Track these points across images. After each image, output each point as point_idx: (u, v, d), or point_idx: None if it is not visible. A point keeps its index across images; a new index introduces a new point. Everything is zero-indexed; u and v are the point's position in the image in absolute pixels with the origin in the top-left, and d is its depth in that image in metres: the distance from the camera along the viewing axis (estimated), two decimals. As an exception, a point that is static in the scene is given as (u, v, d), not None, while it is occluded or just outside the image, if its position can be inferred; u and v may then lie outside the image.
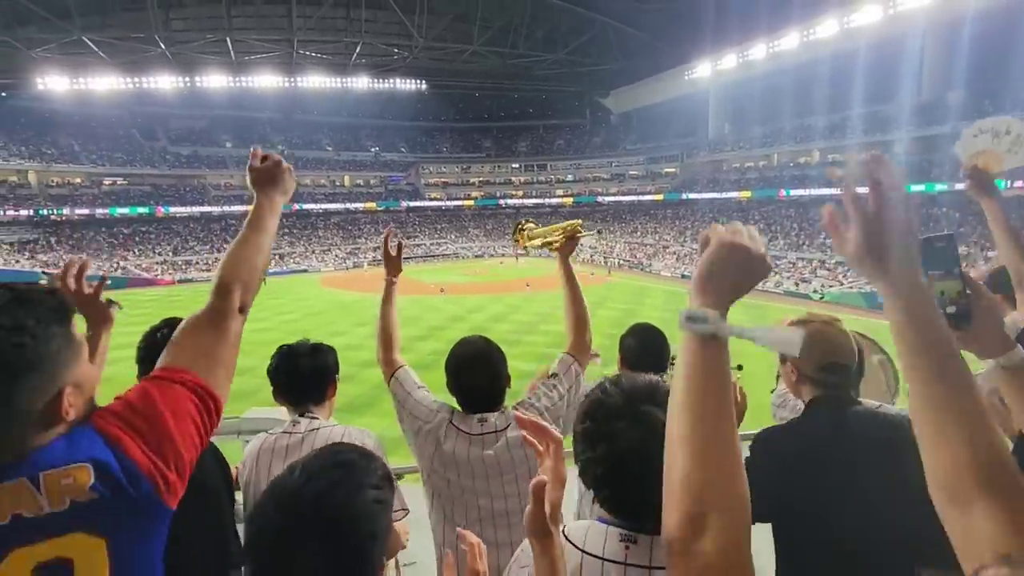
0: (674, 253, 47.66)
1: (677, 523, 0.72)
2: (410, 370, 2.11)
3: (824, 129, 44.73)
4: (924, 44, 38.48)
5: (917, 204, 36.19)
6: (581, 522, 1.14)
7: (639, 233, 54.79)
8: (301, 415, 1.99)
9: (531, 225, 2.59)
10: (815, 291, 33.57)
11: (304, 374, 2.03)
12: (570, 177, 67.27)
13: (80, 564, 0.86)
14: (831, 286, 33.53)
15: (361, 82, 58.98)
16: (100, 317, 1.52)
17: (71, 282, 1.47)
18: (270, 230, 1.36)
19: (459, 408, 1.97)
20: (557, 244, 2.40)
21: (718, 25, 45.71)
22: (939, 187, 35.08)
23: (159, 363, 1.08)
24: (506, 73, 60.95)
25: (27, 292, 0.95)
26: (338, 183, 64.65)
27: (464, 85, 65.17)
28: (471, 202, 67.05)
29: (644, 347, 2.50)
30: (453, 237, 62.70)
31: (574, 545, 1.09)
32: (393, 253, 2.37)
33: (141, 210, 50.94)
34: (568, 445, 1.12)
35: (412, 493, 2.19)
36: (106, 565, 0.87)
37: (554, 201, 65.73)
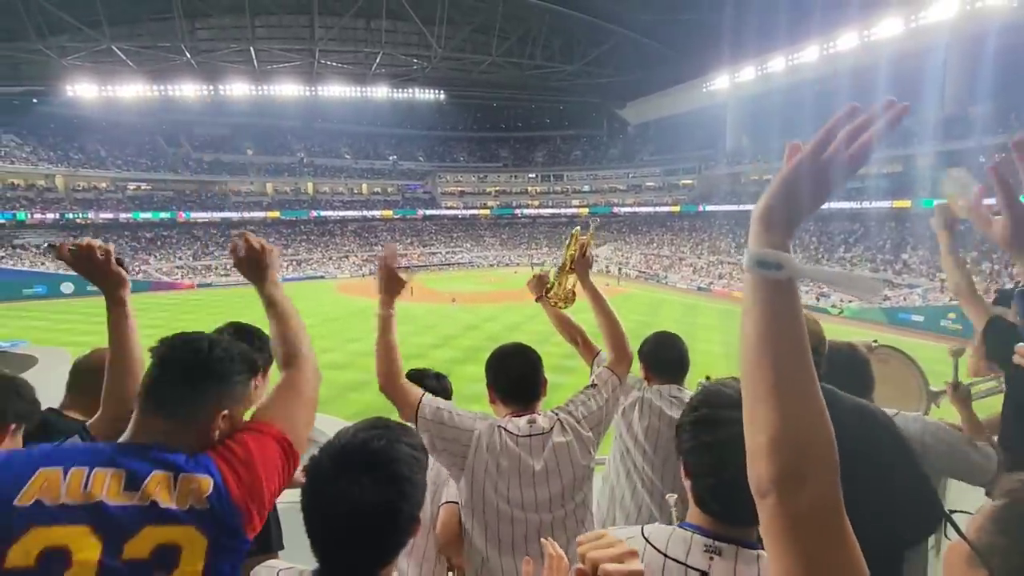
0: (690, 265, 47.34)
1: (772, 477, 0.69)
2: (431, 397, 1.95)
3: (844, 142, 44.24)
4: (947, 58, 38.02)
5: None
6: (662, 526, 1.13)
7: (655, 244, 54.55)
8: None
9: (548, 275, 2.61)
10: (834, 306, 33.09)
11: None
12: (586, 188, 67.31)
13: (186, 552, 1.05)
14: (850, 301, 33.04)
15: (380, 92, 59.72)
16: (116, 281, 1.64)
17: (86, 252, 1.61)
18: (284, 304, 1.63)
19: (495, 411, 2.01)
20: (571, 267, 2.46)
21: (737, 38, 45.58)
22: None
23: (255, 415, 1.31)
24: (524, 83, 61.31)
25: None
26: (356, 191, 65.32)
27: (482, 95, 65.70)
28: (487, 211, 67.34)
29: (664, 354, 2.51)
30: (469, 246, 62.94)
31: (656, 548, 1.08)
32: (400, 275, 2.14)
33: (163, 215, 51.90)
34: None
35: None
36: (202, 560, 1.06)
37: (570, 211, 65.83)
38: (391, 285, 2.15)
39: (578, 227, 2.53)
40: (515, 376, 2.00)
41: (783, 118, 51.17)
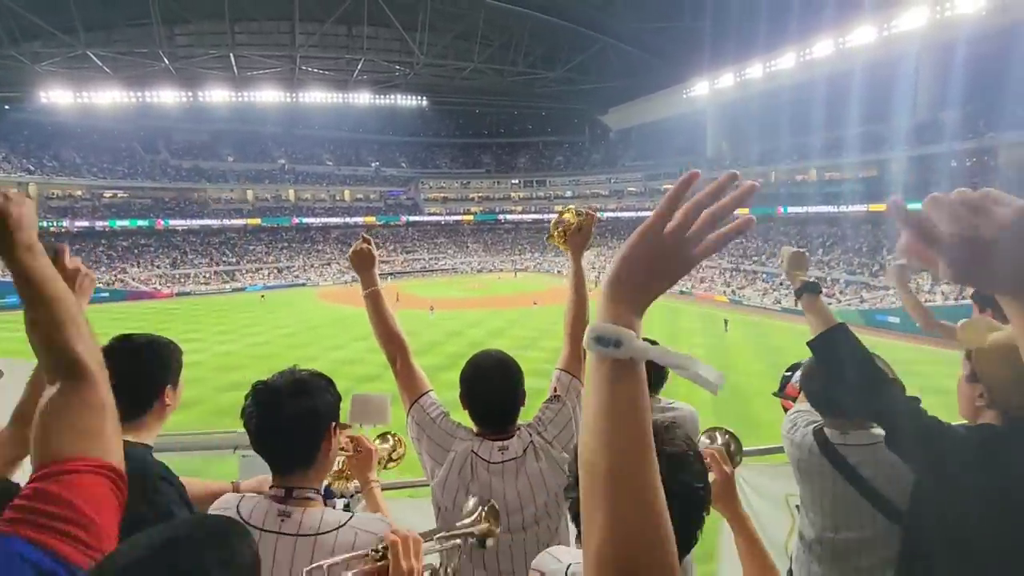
0: (672, 269, 47.73)
1: None
2: (435, 395, 1.95)
3: (821, 148, 45.08)
4: (919, 65, 38.93)
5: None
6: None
7: (638, 249, 54.97)
8: (287, 492, 1.38)
9: (568, 218, 2.29)
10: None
11: (286, 426, 1.38)
12: (569, 193, 67.62)
13: None
14: (828, 303, 33.48)
15: (362, 98, 59.55)
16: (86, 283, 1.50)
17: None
18: (46, 282, 1.01)
19: (471, 427, 1.91)
20: (574, 227, 2.25)
21: (715, 45, 46.29)
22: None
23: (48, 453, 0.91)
24: (506, 90, 61.59)
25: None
26: (338, 197, 64.94)
27: (464, 101, 65.86)
28: (470, 217, 67.36)
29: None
30: (452, 252, 62.86)
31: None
32: (367, 249, 2.13)
33: (141, 223, 51.07)
34: None
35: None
36: None
37: (552, 217, 66.00)
38: (361, 263, 2.15)
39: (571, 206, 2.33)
40: (491, 402, 1.87)
41: (761, 123, 52.13)
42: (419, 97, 61.83)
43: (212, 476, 2.02)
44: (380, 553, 1.05)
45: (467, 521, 1.31)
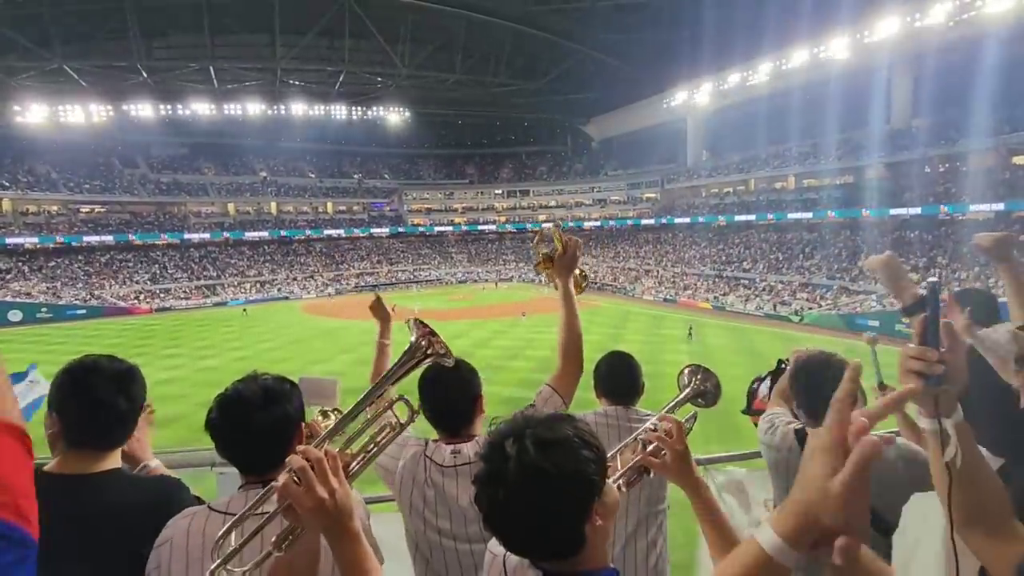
0: (656, 277, 48.08)
1: None
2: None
3: (799, 155, 45.88)
4: (892, 74, 39.87)
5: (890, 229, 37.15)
6: None
7: (621, 257, 55.29)
8: (264, 485, 1.33)
9: (551, 244, 2.35)
10: (795, 313, 34.00)
11: (257, 436, 1.37)
12: (552, 203, 67.96)
13: None
14: (810, 308, 34.02)
15: (344, 110, 59.45)
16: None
17: None
18: None
19: (434, 438, 1.89)
20: (550, 262, 2.36)
21: (694, 55, 46.96)
22: (911, 211, 36.09)
23: None
24: (488, 101, 61.90)
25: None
26: (321, 210, 64.56)
27: (447, 112, 66.07)
28: (454, 228, 67.37)
29: (615, 374, 2.49)
30: (436, 263, 62.72)
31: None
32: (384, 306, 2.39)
33: (119, 238, 50.25)
34: None
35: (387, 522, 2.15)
36: None
37: (539, 228, 66.41)
38: (378, 314, 2.37)
39: (553, 223, 2.41)
40: (433, 402, 1.86)
41: (740, 132, 52.99)
42: (401, 108, 61.88)
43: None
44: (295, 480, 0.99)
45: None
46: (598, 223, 63.10)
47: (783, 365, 2.25)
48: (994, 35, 31.54)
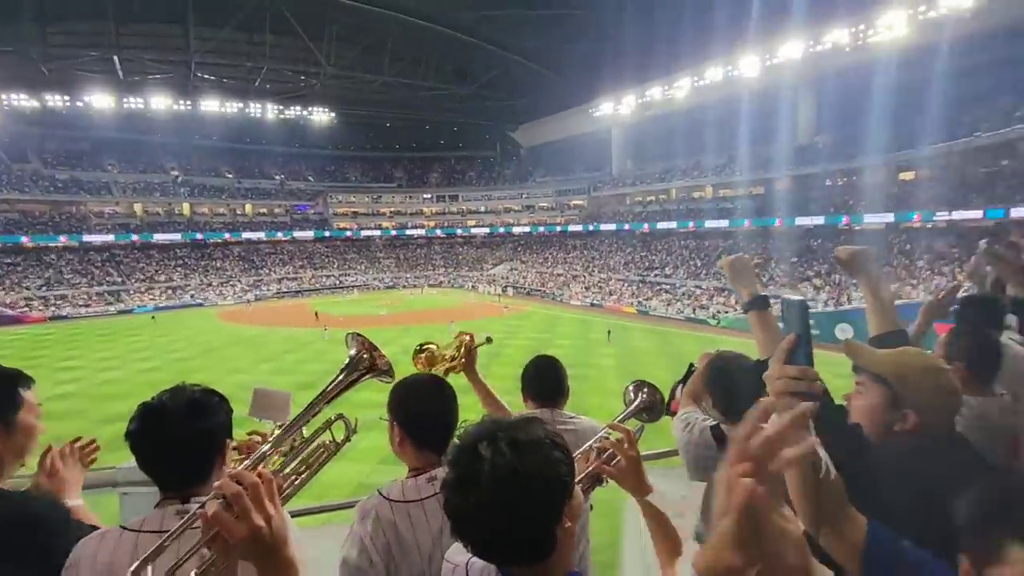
0: (584, 282, 49.17)
1: None
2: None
3: (715, 166, 48.39)
4: (796, 94, 42.88)
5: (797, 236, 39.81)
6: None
7: (550, 263, 56.16)
8: (184, 499, 1.30)
9: (431, 347, 2.47)
10: (712, 316, 35.72)
11: (180, 451, 1.30)
12: (482, 208, 68.13)
13: None
14: (726, 312, 35.84)
15: (265, 108, 57.03)
16: None
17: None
18: None
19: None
20: (457, 365, 2.38)
21: (618, 68, 48.61)
22: (815, 221, 38.89)
23: None
24: (418, 104, 61.30)
25: None
26: (239, 211, 61.54)
27: (375, 114, 64.75)
28: (382, 232, 66.12)
29: (542, 377, 2.52)
30: (363, 268, 61.28)
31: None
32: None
33: (5, 239, 45.68)
34: None
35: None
36: None
37: (466, 232, 66.43)
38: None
39: (468, 336, 2.50)
40: (418, 416, 1.69)
41: (662, 142, 55.31)
42: (327, 109, 60.13)
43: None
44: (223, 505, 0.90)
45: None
46: (527, 229, 63.84)
47: (693, 369, 2.34)
48: (884, 61, 34.68)
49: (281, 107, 57.86)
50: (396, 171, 72.90)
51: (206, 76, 52.07)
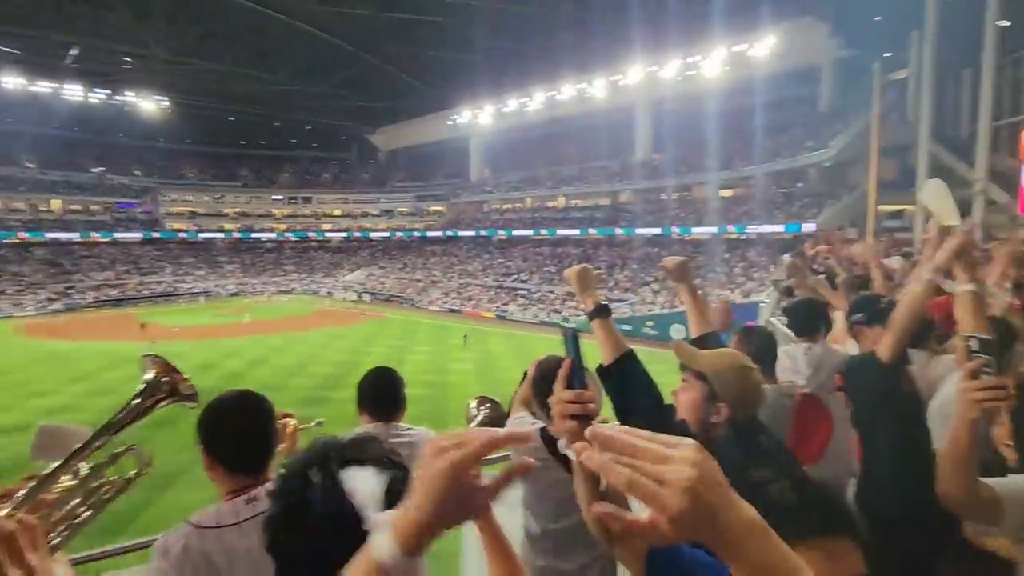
0: (443, 288, 49.31)
1: None
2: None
3: (567, 178, 51.27)
4: (639, 113, 46.92)
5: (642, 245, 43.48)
6: None
7: (409, 269, 55.54)
8: None
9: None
10: (564, 320, 37.74)
11: None
12: (337, 212, 65.48)
13: None
14: (576, 315, 38.07)
15: (81, 89, 49.81)
16: None
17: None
18: None
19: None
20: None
21: (478, 77, 49.65)
22: (653, 232, 42.79)
23: None
24: (266, 99, 57.36)
25: None
26: (44, 208, 53.02)
27: (217, 106, 59.25)
28: (224, 235, 60.83)
29: (378, 389, 2.52)
30: (203, 274, 55.88)
31: None
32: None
33: None
34: None
35: None
36: None
37: (321, 236, 63.49)
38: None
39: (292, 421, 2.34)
40: (232, 438, 1.61)
41: (519, 153, 57.48)
42: (159, 96, 54.02)
43: None
44: None
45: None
46: (386, 234, 62.57)
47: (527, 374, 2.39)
48: (709, 91, 39.43)
49: (101, 90, 50.97)
50: (241, 169, 67.48)
51: (3, 48, 44.28)
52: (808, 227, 30.88)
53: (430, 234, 59.51)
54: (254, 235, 61.86)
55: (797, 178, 38.60)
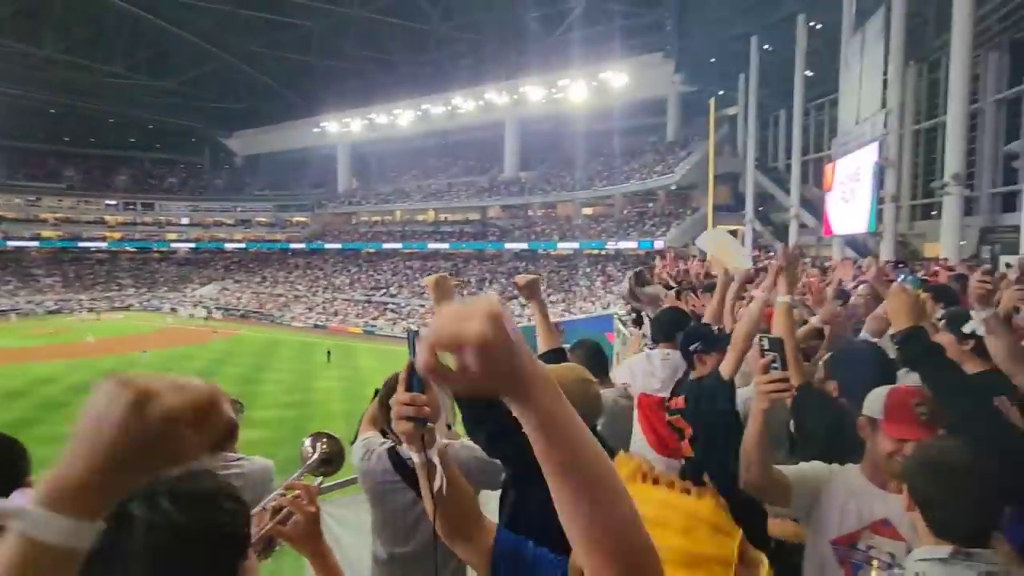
0: (307, 303, 46.89)
1: None
2: None
3: (438, 191, 51.35)
4: (505, 132, 48.36)
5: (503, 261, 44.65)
6: None
7: (269, 283, 52.09)
8: None
9: None
10: (422, 325, 37.54)
11: None
12: (185, 220, 59.68)
13: None
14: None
15: None
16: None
17: None
18: None
19: None
20: None
21: (343, 86, 48.33)
22: (519, 246, 44.18)
23: None
24: (99, 92, 50.98)
25: None
26: None
27: (33, 96, 51.44)
28: (41, 244, 52.91)
29: None
30: (11, 288, 48.06)
31: None
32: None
33: None
34: None
35: None
36: None
37: (165, 247, 57.48)
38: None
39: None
40: None
41: (389, 165, 56.69)
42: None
43: None
44: None
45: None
46: (242, 245, 58.12)
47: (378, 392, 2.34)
48: (572, 115, 41.89)
49: None
50: (65, 169, 59.14)
51: None
52: (659, 243, 33.69)
53: (293, 246, 56.30)
54: (81, 244, 54.44)
55: (649, 199, 42.04)
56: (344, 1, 41.54)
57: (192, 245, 58.01)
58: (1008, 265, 7.79)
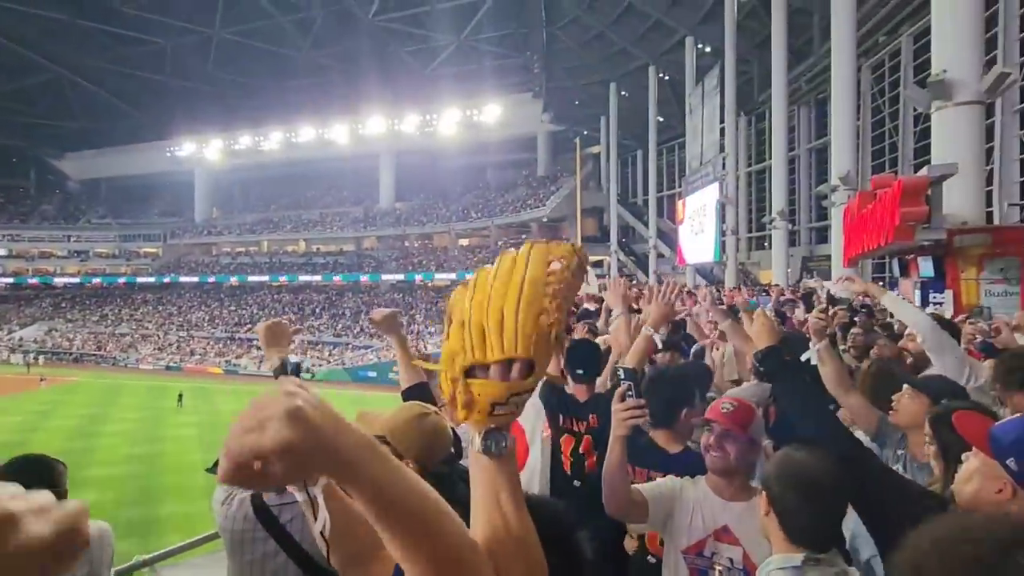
0: (157, 343, 42.40)
1: None
2: None
3: (308, 222, 49.29)
4: (381, 163, 47.90)
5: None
6: None
7: (111, 321, 46.41)
8: None
9: None
10: (307, 371, 35.58)
11: None
12: (4, 251, 51.61)
13: None
14: (320, 365, 36.33)
15: None
16: None
17: None
18: None
19: None
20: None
21: (203, 108, 45.20)
22: (396, 277, 43.55)
23: None
24: None
25: None
26: None
27: None
28: None
29: (28, 477, 2.08)
30: None
31: None
32: None
33: None
34: None
35: None
36: None
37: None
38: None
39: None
40: None
41: (253, 193, 53.47)
42: None
43: None
44: None
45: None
46: (77, 280, 51.27)
47: None
48: (447, 148, 42.56)
49: None
50: None
51: None
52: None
53: (140, 279, 50.71)
54: None
55: (523, 231, 43.59)
56: (203, 21, 39.17)
57: (10, 280, 50.22)
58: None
